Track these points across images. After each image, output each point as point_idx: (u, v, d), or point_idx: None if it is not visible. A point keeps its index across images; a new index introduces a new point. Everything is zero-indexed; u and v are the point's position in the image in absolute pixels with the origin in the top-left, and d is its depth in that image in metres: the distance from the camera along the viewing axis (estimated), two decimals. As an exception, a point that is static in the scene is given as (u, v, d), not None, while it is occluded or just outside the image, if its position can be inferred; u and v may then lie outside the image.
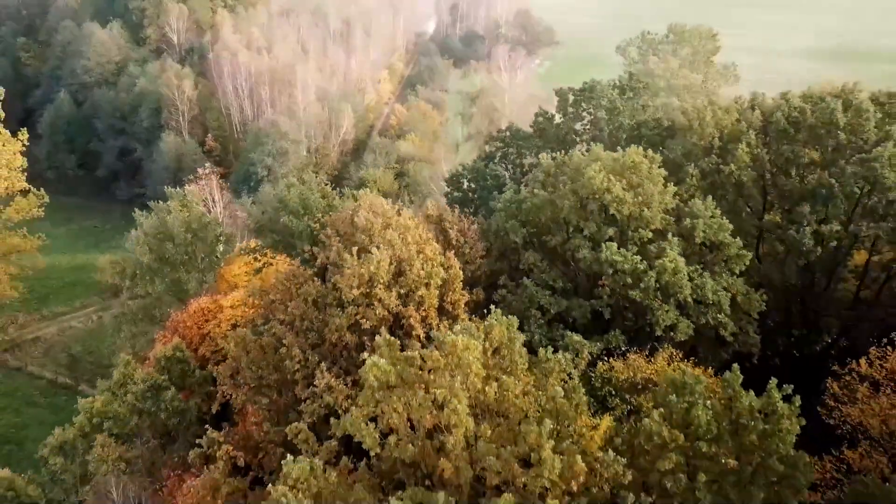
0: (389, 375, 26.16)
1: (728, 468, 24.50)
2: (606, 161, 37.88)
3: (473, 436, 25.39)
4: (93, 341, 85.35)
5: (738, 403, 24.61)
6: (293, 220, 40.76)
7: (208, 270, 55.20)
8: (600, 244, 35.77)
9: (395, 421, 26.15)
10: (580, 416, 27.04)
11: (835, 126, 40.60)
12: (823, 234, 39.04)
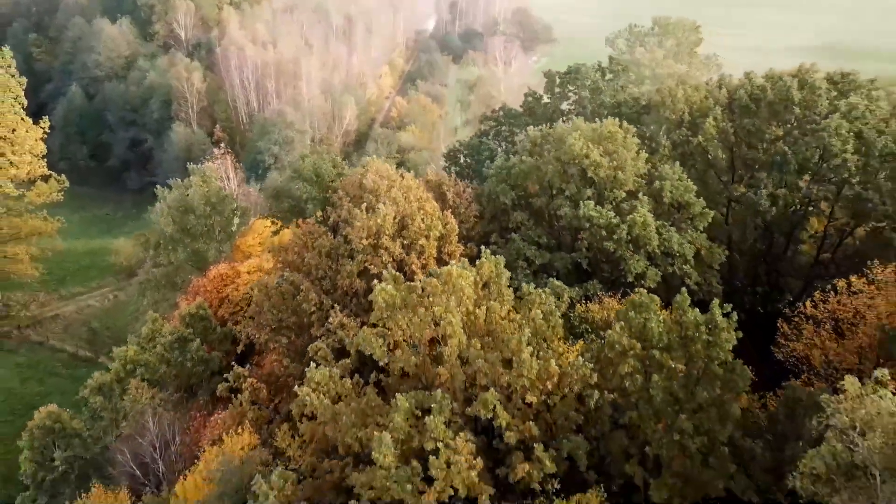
0: (395, 298, 31.36)
1: (677, 372, 29.65)
2: (586, 131, 43.11)
3: (466, 347, 30.55)
4: (109, 318, 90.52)
5: (685, 318, 29.78)
6: (306, 186, 45.93)
7: (225, 241, 60.41)
8: (579, 203, 40.98)
9: (399, 337, 31.35)
10: (556, 338, 32.21)
11: (791, 102, 45.81)
12: (778, 196, 44.25)
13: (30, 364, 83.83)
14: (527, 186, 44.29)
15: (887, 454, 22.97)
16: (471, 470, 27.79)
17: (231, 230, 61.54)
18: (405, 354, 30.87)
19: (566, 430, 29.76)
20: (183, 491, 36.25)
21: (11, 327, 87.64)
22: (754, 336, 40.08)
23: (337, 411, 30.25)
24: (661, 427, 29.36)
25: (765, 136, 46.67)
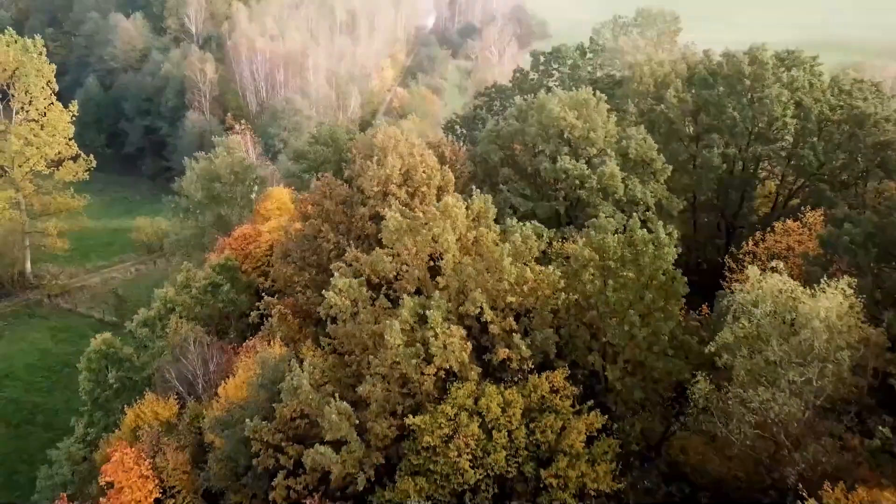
0: (402, 224, 39.05)
1: (628, 279, 37.30)
2: (564, 98, 50.84)
3: (459, 261, 38.22)
4: (132, 289, 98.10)
5: (636, 236, 37.45)
6: (322, 149, 53.65)
7: (246, 206, 68.19)
8: (557, 158, 48.64)
9: (405, 256, 39.02)
10: (531, 258, 39.83)
11: (742, 75, 53.57)
12: (728, 155, 52.00)
13: (61, 328, 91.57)
14: (513, 147, 52.00)
15: (774, 320, 30.65)
16: (463, 352, 35.46)
17: (251, 197, 69.29)
18: (410, 270, 38.56)
19: (540, 327, 37.43)
20: (225, 392, 43.96)
21: (43, 296, 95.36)
22: (714, 283, 47.36)
23: (355, 312, 37.94)
24: (615, 322, 36.98)
25: (720, 104, 54.37)
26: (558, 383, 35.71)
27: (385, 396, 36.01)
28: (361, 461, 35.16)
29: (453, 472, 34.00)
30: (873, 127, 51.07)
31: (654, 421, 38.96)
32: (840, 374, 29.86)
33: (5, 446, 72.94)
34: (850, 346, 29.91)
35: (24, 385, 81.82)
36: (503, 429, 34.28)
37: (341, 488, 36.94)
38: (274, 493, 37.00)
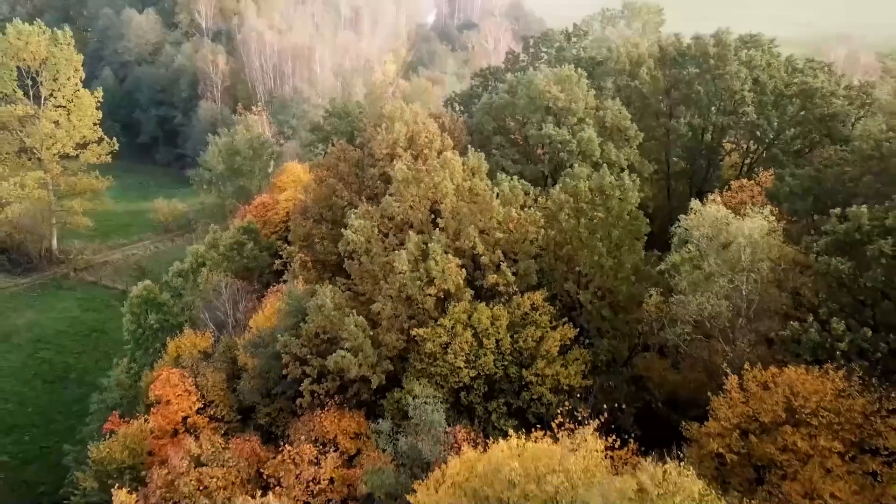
0: (408, 175, 46.63)
1: (598, 218, 44.87)
2: (549, 75, 58.47)
3: (456, 204, 45.78)
4: (152, 264, 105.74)
5: (604, 182, 45.01)
6: (336, 121, 61.26)
7: (264, 178, 75.83)
8: (542, 126, 56.22)
9: (409, 201, 46.55)
10: (518, 204, 47.38)
11: (707, 55, 61.11)
12: (693, 124, 59.58)
13: (87, 298, 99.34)
14: (504, 117, 59.62)
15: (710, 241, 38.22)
16: (458, 276, 43.04)
17: (268, 171, 76.94)
18: (415, 210, 46.15)
19: (523, 258, 45.01)
20: (255, 323, 51.59)
21: (69, 270, 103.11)
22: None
23: (369, 248, 45.54)
24: (586, 254, 44.54)
25: (688, 82, 61.92)
26: (538, 302, 43.29)
27: (394, 313, 43.62)
28: (374, 366, 42.71)
29: (451, 372, 41.58)
30: (821, 100, 58.59)
31: (621, 344, 46.50)
32: (762, 283, 37.42)
33: (42, 400, 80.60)
34: (770, 260, 37.47)
35: (56, 348, 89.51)
36: (492, 337, 41.86)
37: (356, 394, 44.59)
38: (301, 400, 44.56)
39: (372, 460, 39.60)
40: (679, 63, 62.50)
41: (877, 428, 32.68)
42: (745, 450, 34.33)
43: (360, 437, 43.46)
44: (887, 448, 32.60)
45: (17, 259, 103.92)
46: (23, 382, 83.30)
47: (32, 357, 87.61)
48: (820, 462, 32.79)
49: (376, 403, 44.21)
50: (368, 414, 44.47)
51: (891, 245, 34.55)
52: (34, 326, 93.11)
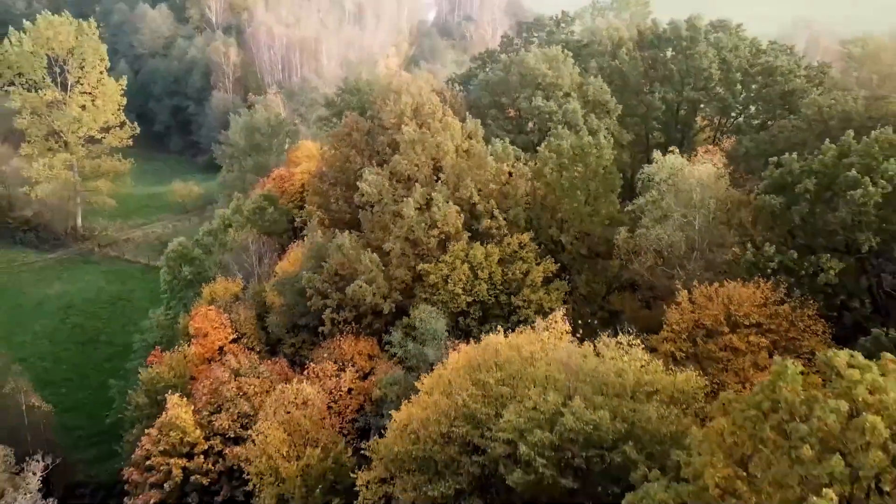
0: (414, 136, 54.57)
1: (578, 173, 52.78)
2: (538, 54, 66.45)
3: (455, 161, 53.72)
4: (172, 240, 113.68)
5: (583, 142, 52.95)
6: (348, 97, 69.24)
7: (280, 154, 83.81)
8: (532, 99, 64.17)
9: (415, 159, 54.48)
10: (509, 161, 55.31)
11: (680, 38, 69.10)
12: (667, 99, 67.55)
13: (112, 271, 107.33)
14: (499, 93, 67.56)
15: (669, 185, 46.15)
16: (457, 220, 50.97)
17: (284, 148, 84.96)
18: (419, 166, 54.11)
19: (513, 206, 52.93)
20: (280, 268, 59.53)
21: (94, 245, 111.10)
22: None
23: (381, 199, 53.51)
24: (567, 203, 52.46)
25: (663, 61, 69.93)
26: (525, 241, 51.24)
27: (402, 252, 51.56)
28: (386, 296, 50.67)
29: (451, 299, 49.49)
30: (782, 78, 66.53)
31: (598, 283, 54.38)
32: (711, 218, 45.35)
33: (76, 359, 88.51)
34: (717, 199, 45.42)
35: (85, 314, 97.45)
36: (485, 270, 49.78)
37: (370, 324, 52.55)
38: (322, 328, 52.50)
39: (384, 371, 47.46)
40: (655, 45, 70.57)
41: (798, 330, 40.61)
42: (693, 351, 42.22)
43: (374, 358, 51.35)
44: (805, 347, 40.49)
45: (45, 236, 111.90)
46: (56, 344, 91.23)
47: (64, 322, 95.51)
48: (751, 357, 40.68)
49: (387, 332, 52.06)
50: (380, 341, 52.35)
51: (813, 183, 42.51)
52: (63, 296, 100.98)
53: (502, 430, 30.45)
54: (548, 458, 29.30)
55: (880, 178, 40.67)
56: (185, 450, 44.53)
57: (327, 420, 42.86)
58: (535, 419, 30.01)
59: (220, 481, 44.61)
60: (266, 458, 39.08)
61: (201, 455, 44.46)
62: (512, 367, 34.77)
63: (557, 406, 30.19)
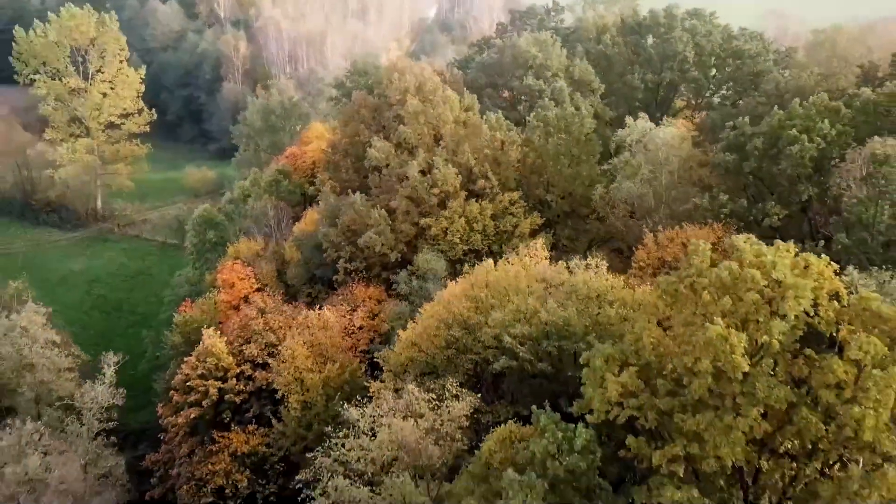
0: (417, 107, 62.02)
1: (562, 140, 60.21)
2: (529, 39, 73.98)
3: (454, 130, 61.16)
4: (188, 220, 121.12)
5: (567, 112, 60.39)
6: (357, 78, 76.71)
7: (293, 135, 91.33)
8: (523, 78, 71.63)
9: (417, 130, 61.94)
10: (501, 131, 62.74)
11: (659, 24, 76.62)
12: (646, 80, 75.06)
13: (132, 249, 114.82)
14: (494, 74, 75.08)
15: (639, 145, 53.62)
16: (455, 180, 58.40)
17: (296, 129, 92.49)
18: (421, 136, 61.56)
19: (505, 169, 60.37)
20: (298, 228, 67.00)
21: (113, 225, 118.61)
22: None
23: (388, 162, 60.96)
24: (552, 166, 59.91)
25: (643, 46, 77.44)
26: (515, 199, 58.69)
27: (407, 209, 59.00)
28: (392, 247, 58.10)
29: (449, 248, 56.94)
30: (750, 60, 74.13)
31: (580, 239, 61.84)
32: (675, 175, 52.78)
33: (102, 326, 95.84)
34: (681, 157, 52.86)
35: (108, 286, 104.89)
36: (479, 223, 57.24)
37: (378, 274, 59.96)
38: (336, 276, 59.95)
39: (391, 309, 54.82)
40: (636, 31, 78.10)
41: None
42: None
43: (382, 302, 58.70)
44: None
45: (67, 217, 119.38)
46: (83, 313, 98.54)
47: (89, 294, 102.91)
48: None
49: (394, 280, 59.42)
50: (387, 288, 59.70)
51: (761, 142, 50.00)
52: (87, 271, 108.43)
53: (490, 326, 37.87)
54: (527, 347, 36.71)
55: (816, 136, 48.14)
56: (219, 374, 51.85)
57: (343, 343, 50.19)
58: (517, 317, 37.43)
59: (249, 400, 51.96)
60: (293, 370, 46.44)
61: (233, 378, 51.78)
62: (499, 285, 42.22)
63: (535, 307, 37.60)
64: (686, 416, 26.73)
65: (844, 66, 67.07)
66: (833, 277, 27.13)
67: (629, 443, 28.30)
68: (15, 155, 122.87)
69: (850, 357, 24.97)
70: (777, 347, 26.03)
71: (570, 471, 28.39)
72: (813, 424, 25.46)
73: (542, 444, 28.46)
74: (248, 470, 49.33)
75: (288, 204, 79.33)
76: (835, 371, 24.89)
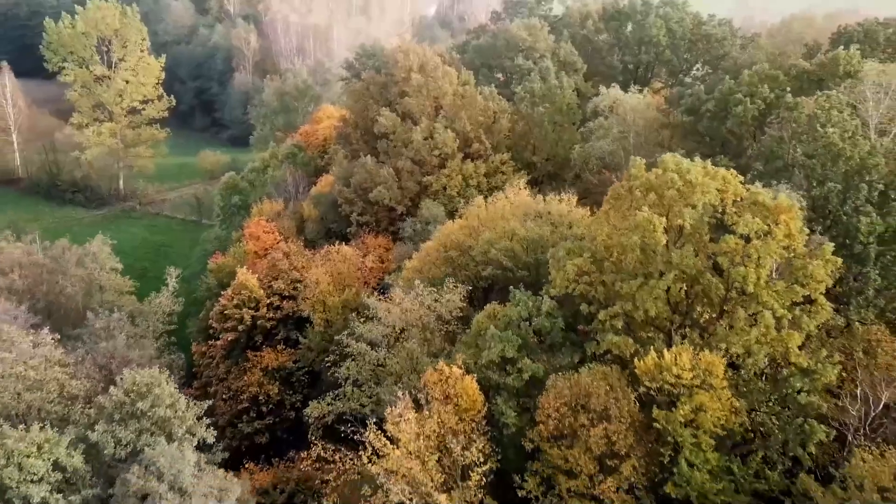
0: (420, 81, 71.69)
1: (546, 108, 69.82)
2: (520, 24, 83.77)
3: (452, 101, 70.84)
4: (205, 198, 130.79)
5: (551, 85, 70.07)
6: (366, 60, 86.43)
7: (306, 115, 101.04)
8: (514, 59, 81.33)
9: (420, 104, 71.59)
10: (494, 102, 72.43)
11: (636, 11, 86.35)
12: (625, 62, 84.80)
13: (153, 225, 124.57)
14: (488, 56, 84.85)
15: (611, 110, 63.27)
16: (454, 143, 68.07)
17: (309, 109, 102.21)
18: (424, 107, 71.23)
19: (497, 134, 70.03)
20: (315, 190, 76.66)
21: (135, 204, 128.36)
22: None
23: (394, 128, 70.63)
24: (538, 131, 69.54)
25: (623, 31, 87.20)
26: (505, 160, 68.35)
27: (411, 169, 68.64)
28: (399, 201, 67.73)
29: (448, 202, 66.56)
30: (717, 44, 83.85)
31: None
32: (641, 134, 62.40)
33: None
34: (646, 119, 62.51)
35: (133, 257, 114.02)
36: (474, 179, 66.86)
37: (386, 228, 69.60)
38: (350, 229, 69.60)
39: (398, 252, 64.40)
40: (616, 18, 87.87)
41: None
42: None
43: (389, 250, 68.31)
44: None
45: (91, 196, 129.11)
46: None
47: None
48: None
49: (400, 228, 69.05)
50: (394, 239, 69.30)
51: (713, 105, 59.66)
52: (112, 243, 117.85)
53: (480, 243, 47.50)
54: (509, 257, 46.31)
55: (758, 99, 57.77)
56: (252, 304, 61.43)
57: (358, 275, 59.82)
58: (501, 236, 47.05)
59: (278, 326, 61.54)
60: (317, 293, 56.03)
61: (264, 308, 61.36)
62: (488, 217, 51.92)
63: (517, 227, 47.23)
64: (623, 283, 36.36)
65: (796, 47, 76.78)
66: (736, 182, 36.78)
67: (582, 308, 37.94)
68: (42, 139, 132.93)
69: (739, 233, 34.59)
70: (689, 230, 35.70)
71: (538, 331, 38.00)
72: (714, 284, 35.09)
73: (516, 311, 38.10)
74: (277, 382, 58.82)
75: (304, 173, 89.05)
76: (728, 243, 34.51)
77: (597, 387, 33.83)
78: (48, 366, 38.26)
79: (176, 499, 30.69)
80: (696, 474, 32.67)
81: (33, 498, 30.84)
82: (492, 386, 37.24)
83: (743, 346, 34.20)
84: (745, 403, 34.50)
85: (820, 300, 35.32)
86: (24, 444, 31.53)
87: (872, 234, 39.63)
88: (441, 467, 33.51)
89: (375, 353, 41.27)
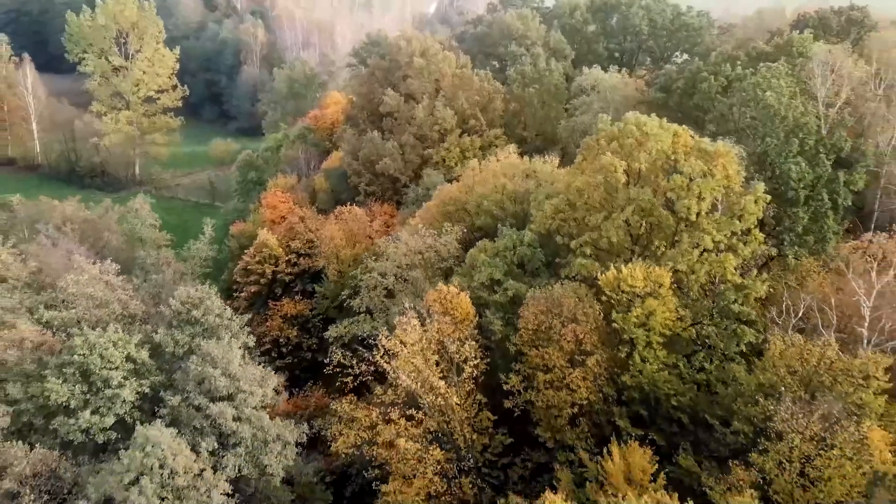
0: (422, 63, 79.72)
1: (536, 88, 77.84)
2: (514, 15, 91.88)
3: (451, 82, 78.87)
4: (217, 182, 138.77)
5: (539, 67, 78.13)
6: (371, 48, 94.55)
7: (314, 100, 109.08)
8: (508, 46, 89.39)
9: (421, 85, 79.64)
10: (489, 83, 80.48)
11: (621, 3, 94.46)
12: (611, 49, 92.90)
13: (169, 207, 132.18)
14: (485, 43, 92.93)
15: (593, 88, 71.34)
16: (452, 120, 76.08)
17: (316, 95, 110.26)
18: (425, 88, 79.30)
19: (491, 111, 78.08)
20: (326, 165, 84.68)
21: (151, 188, 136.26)
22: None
23: (398, 107, 78.65)
24: (528, 110, 77.53)
25: (609, 21, 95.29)
26: (499, 135, 76.39)
27: (413, 143, 76.68)
28: (402, 172, 75.76)
29: (447, 171, 74.57)
30: (695, 33, 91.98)
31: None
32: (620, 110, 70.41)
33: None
34: (624, 96, 70.56)
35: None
36: (471, 151, 74.90)
37: (391, 198, 77.61)
38: (358, 198, 77.61)
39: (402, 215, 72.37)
40: (603, 9, 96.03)
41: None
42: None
43: (394, 216, 76.30)
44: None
45: (109, 181, 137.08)
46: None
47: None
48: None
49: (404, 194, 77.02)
50: (398, 207, 77.26)
51: (682, 83, 67.72)
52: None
53: (474, 197, 55.49)
54: (499, 208, 54.31)
55: (721, 76, 65.82)
56: (272, 260, 69.42)
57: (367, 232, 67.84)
58: (493, 190, 55.08)
59: (295, 280, 69.54)
60: (332, 247, 64.02)
61: (283, 263, 69.34)
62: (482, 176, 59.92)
63: (506, 184, 55.24)
64: (591, 217, 44.38)
65: (765, 35, 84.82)
66: (686, 135, 44.81)
67: (558, 240, 45.97)
68: (60, 129, 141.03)
69: (685, 172, 42.59)
70: (646, 172, 43.74)
71: (521, 260, 46.03)
72: (665, 216, 43.10)
73: (502, 242, 46.14)
74: (295, 328, 66.75)
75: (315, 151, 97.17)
76: (676, 181, 42.52)
77: (568, 297, 41.81)
78: (112, 289, 46.22)
79: (227, 381, 38.57)
80: (648, 366, 40.61)
81: (112, 380, 38.72)
82: (482, 303, 45.21)
83: (687, 265, 42.19)
84: (689, 314, 42.45)
85: (754, 232, 43.34)
86: (104, 339, 39.39)
87: (803, 181, 47.66)
88: (440, 361, 41.48)
89: (385, 281, 49.30)
